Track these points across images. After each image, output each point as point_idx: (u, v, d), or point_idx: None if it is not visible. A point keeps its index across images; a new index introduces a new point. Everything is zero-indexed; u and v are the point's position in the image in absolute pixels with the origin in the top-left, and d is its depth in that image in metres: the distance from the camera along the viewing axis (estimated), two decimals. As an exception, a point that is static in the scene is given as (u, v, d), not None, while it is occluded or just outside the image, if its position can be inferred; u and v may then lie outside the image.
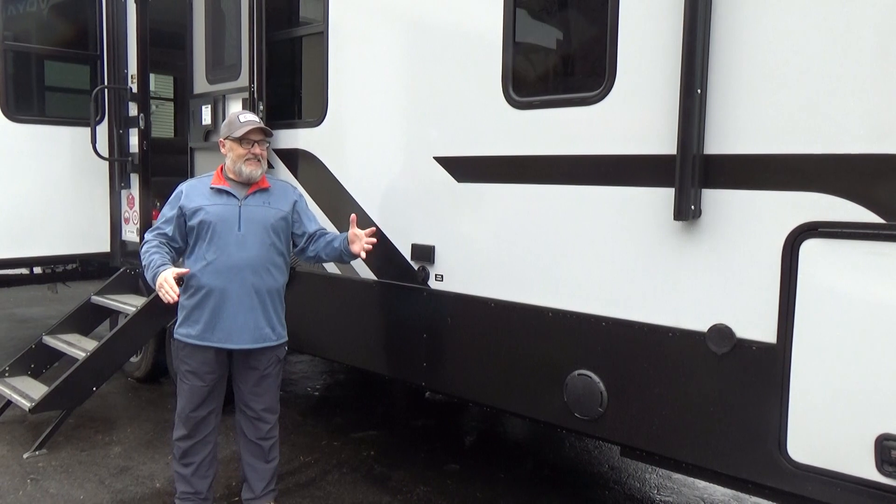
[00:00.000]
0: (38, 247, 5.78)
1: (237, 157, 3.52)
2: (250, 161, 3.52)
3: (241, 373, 3.62)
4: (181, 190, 3.60)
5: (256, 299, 3.50)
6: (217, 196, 3.53)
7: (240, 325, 3.48)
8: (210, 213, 3.48)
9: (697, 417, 2.84)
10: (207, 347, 3.51)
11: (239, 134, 3.49)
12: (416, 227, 3.81)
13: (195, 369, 3.53)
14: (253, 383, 3.62)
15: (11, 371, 5.30)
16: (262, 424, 3.67)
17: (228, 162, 3.56)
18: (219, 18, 5.01)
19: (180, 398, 3.60)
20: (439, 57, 3.65)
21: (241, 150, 3.51)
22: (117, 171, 6.02)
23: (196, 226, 3.48)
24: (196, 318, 3.49)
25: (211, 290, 3.45)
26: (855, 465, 2.46)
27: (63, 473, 4.40)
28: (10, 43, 5.67)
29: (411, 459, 4.76)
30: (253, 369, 3.60)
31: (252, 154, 3.51)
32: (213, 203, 3.51)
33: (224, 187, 3.54)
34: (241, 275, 3.46)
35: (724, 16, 2.66)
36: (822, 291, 2.50)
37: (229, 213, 3.49)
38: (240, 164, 3.52)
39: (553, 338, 3.26)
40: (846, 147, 2.43)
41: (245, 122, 3.54)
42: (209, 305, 3.46)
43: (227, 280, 3.45)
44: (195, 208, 3.49)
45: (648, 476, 4.64)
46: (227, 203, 3.51)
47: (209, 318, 3.47)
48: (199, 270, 3.47)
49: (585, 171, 3.10)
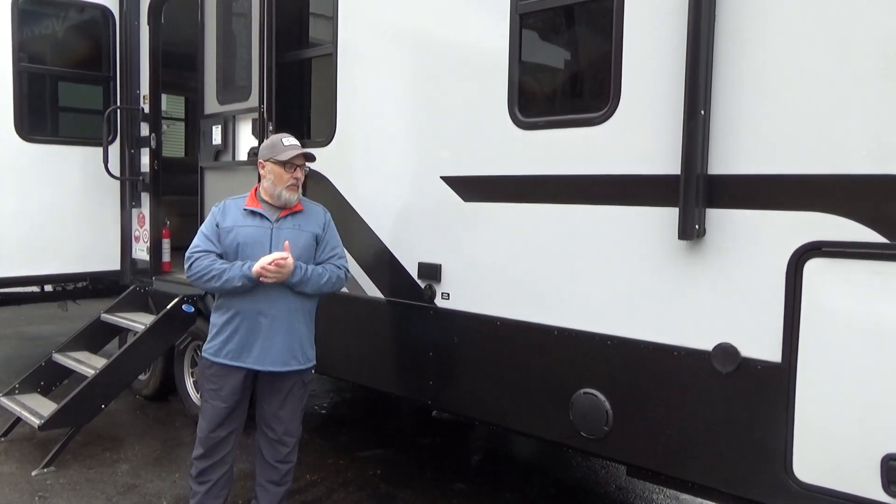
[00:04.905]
0: (50, 265, 5.84)
1: (279, 181, 3.49)
2: (292, 186, 3.51)
3: (267, 395, 3.61)
4: (218, 208, 3.58)
5: (287, 323, 3.49)
6: (250, 218, 3.52)
7: (271, 348, 3.47)
8: (241, 235, 3.47)
9: (703, 437, 2.83)
10: (239, 369, 3.49)
11: (285, 158, 3.46)
12: (423, 246, 3.84)
13: (220, 389, 3.51)
14: (277, 406, 3.59)
15: (21, 388, 5.33)
16: (281, 448, 3.64)
17: (267, 184, 3.52)
18: (229, 40, 5.09)
19: (202, 418, 3.59)
20: (446, 78, 3.69)
21: (285, 174, 3.49)
22: (128, 190, 6.09)
23: (228, 246, 3.48)
24: (228, 339, 3.48)
25: (244, 311, 3.45)
26: (861, 486, 2.45)
27: (71, 491, 4.41)
28: (25, 64, 5.75)
29: (418, 478, 4.75)
30: (278, 392, 3.58)
31: (294, 178, 3.51)
32: (245, 224, 3.50)
33: (257, 209, 3.53)
34: (274, 298, 3.45)
35: (728, 38, 2.69)
36: (826, 310, 2.51)
37: (261, 235, 3.48)
38: (280, 188, 3.49)
39: (559, 357, 3.27)
40: (850, 168, 2.44)
41: (289, 145, 3.53)
42: (243, 327, 3.45)
43: (260, 302, 3.44)
44: (228, 228, 3.49)
45: (656, 496, 4.61)
46: (260, 225, 3.51)
47: (242, 339, 3.46)
48: (233, 292, 3.45)
49: (590, 190, 3.13)
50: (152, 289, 5.80)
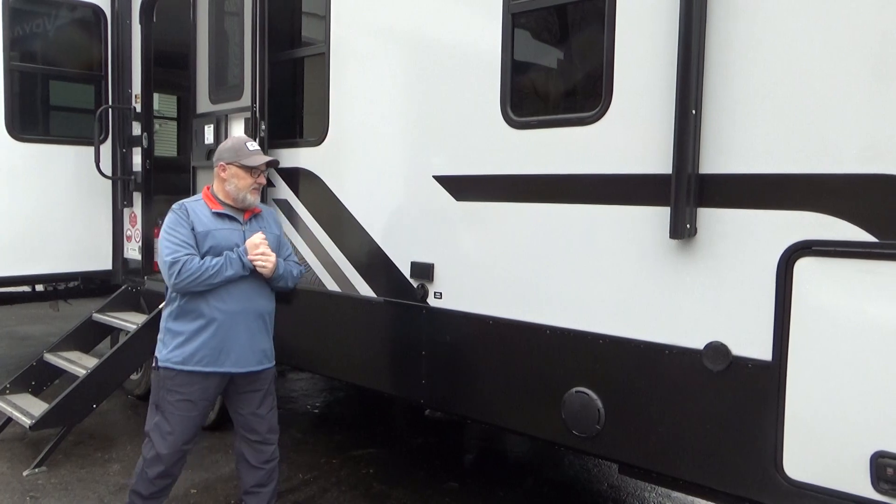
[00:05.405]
0: (41, 264, 5.82)
1: (244, 185, 3.50)
2: (255, 190, 3.55)
3: (243, 397, 3.59)
4: (182, 213, 3.44)
5: (260, 322, 3.53)
6: (220, 220, 3.50)
7: (248, 349, 3.48)
8: (218, 239, 3.45)
9: (694, 435, 2.85)
10: (214, 374, 3.45)
11: (254, 164, 3.49)
12: (415, 245, 3.84)
13: (192, 397, 3.43)
14: (256, 405, 3.60)
15: (12, 388, 5.31)
16: (266, 448, 3.64)
17: (230, 188, 3.51)
18: (222, 39, 5.08)
19: (166, 435, 3.42)
20: (439, 77, 3.70)
21: (250, 179, 3.51)
22: (120, 189, 6.07)
23: (208, 251, 3.43)
24: (203, 344, 3.41)
25: (220, 315, 3.42)
26: (851, 483, 2.47)
27: (62, 491, 4.39)
28: (16, 63, 5.73)
29: (410, 477, 4.75)
30: (256, 391, 3.59)
31: (258, 183, 3.55)
32: (219, 228, 3.48)
33: (225, 212, 3.52)
34: (249, 299, 3.47)
35: (719, 38, 2.71)
36: (816, 309, 2.52)
37: (236, 237, 3.49)
38: (245, 192, 3.51)
39: (551, 355, 3.28)
40: (840, 167, 2.46)
41: (255, 150, 3.54)
42: (219, 331, 3.42)
43: (236, 305, 3.44)
44: (204, 232, 3.44)
45: (647, 494, 4.63)
46: (232, 228, 3.51)
47: (220, 343, 3.42)
48: (205, 296, 3.40)
49: (582, 190, 3.14)
50: (144, 288, 5.79)
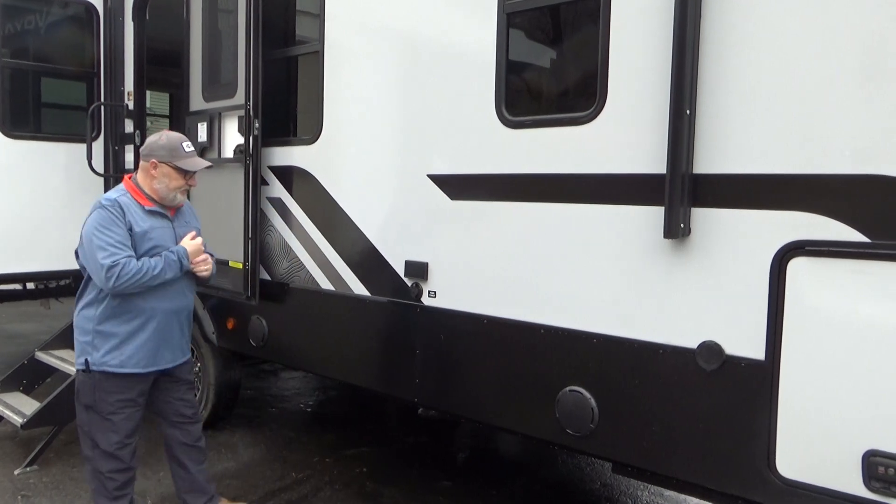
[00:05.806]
0: (32, 262, 5.78)
1: (174, 186, 3.50)
2: (185, 190, 3.58)
3: (170, 387, 3.68)
4: (114, 211, 3.33)
5: (186, 317, 3.67)
6: (153, 218, 3.47)
7: (177, 344, 3.61)
8: (156, 237, 3.44)
9: (687, 434, 2.86)
10: (152, 373, 3.51)
11: (192, 168, 3.51)
12: (409, 244, 3.84)
13: (132, 396, 3.46)
14: (182, 392, 3.74)
15: (3, 387, 5.29)
16: (195, 426, 3.79)
17: (159, 186, 3.47)
18: (215, 37, 5.06)
19: (109, 433, 3.41)
20: (433, 76, 3.70)
21: (181, 181, 3.51)
22: (112, 187, 6.04)
23: (147, 250, 3.40)
24: (141, 346, 3.41)
25: (156, 314, 3.44)
26: (843, 481, 2.48)
27: (54, 490, 4.38)
28: (7, 60, 5.71)
29: (403, 476, 4.75)
30: (181, 380, 3.72)
31: (189, 185, 3.56)
32: (154, 226, 3.46)
33: (156, 209, 3.50)
34: (184, 296, 3.59)
35: (713, 38, 2.72)
36: (809, 309, 2.54)
37: (169, 235, 3.51)
38: (175, 192, 3.51)
39: (545, 354, 3.28)
40: (832, 168, 2.48)
41: (191, 152, 3.53)
42: (157, 330, 3.45)
43: (172, 303, 3.50)
44: (142, 233, 3.39)
45: (641, 493, 4.64)
46: (164, 226, 3.51)
47: (156, 343, 3.46)
48: (143, 295, 3.39)
49: (577, 189, 3.15)
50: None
